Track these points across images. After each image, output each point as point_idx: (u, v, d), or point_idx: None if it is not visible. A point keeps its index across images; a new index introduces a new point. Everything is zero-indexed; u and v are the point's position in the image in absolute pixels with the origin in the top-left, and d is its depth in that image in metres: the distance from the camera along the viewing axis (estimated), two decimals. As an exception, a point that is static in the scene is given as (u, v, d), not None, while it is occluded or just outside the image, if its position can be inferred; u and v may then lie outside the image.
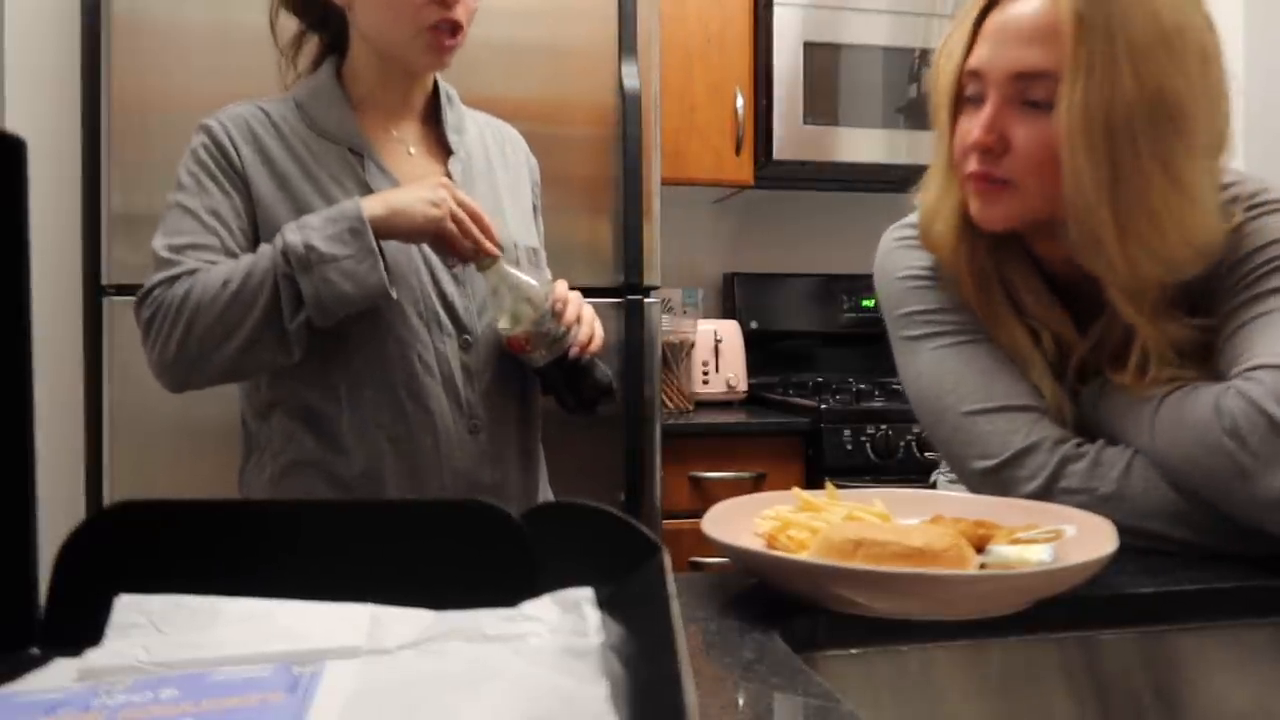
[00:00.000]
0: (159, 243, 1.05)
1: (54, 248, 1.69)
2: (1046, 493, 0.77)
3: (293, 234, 1.00)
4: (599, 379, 1.13)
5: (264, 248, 1.02)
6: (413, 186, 1.05)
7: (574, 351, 1.09)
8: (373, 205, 1.01)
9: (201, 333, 0.99)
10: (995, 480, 0.81)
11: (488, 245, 1.04)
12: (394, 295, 1.02)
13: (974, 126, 0.81)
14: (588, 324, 1.11)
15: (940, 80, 0.87)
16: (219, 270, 1.01)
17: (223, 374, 1.04)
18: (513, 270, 1.08)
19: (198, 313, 0.99)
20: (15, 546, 0.46)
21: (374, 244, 0.99)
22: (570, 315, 1.09)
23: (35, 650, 0.45)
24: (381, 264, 1.00)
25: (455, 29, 1.08)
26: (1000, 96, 0.80)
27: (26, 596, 0.46)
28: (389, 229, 1.01)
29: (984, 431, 0.82)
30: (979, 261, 0.87)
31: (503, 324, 1.09)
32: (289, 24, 1.19)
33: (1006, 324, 0.86)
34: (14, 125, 1.59)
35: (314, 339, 1.03)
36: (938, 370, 0.87)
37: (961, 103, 0.85)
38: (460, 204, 1.03)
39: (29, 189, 0.46)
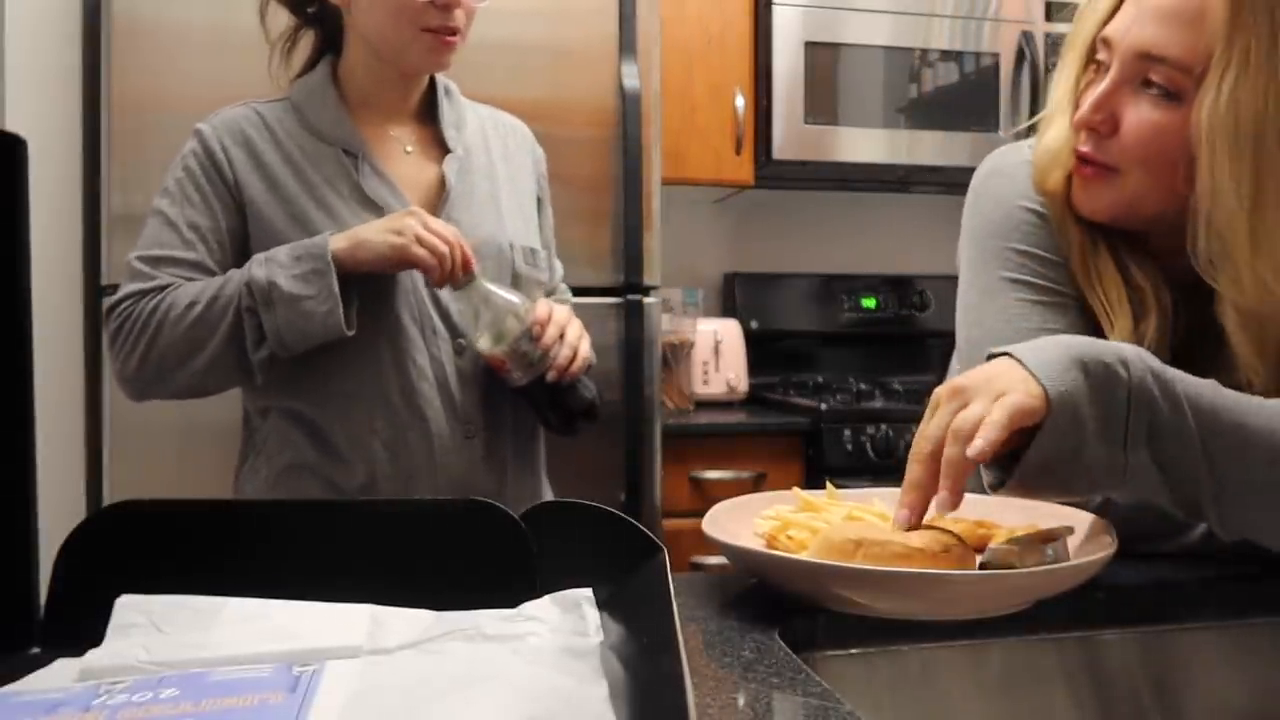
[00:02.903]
0: (135, 253, 1.06)
1: (54, 248, 1.69)
2: (1067, 502, 0.73)
3: (259, 268, 1.01)
4: (578, 400, 1.11)
5: (234, 273, 1.03)
6: (383, 220, 1.04)
7: (551, 375, 1.07)
8: (339, 241, 1.02)
9: (164, 349, 1.01)
10: None
11: (456, 268, 1.03)
12: (350, 333, 1.02)
13: (1086, 101, 0.76)
14: (569, 346, 1.08)
15: (1077, 31, 0.80)
16: (188, 290, 1.02)
17: (185, 391, 1.06)
18: (493, 288, 1.07)
19: (161, 331, 1.01)
20: (15, 546, 0.46)
21: (335, 286, 1.00)
22: (549, 337, 1.07)
23: (36, 650, 0.45)
24: (340, 307, 1.00)
25: (454, 32, 1.08)
26: (1120, 74, 0.74)
27: (26, 596, 0.46)
28: (355, 263, 1.01)
29: None
30: (1087, 224, 0.81)
31: (481, 343, 1.08)
32: (284, 19, 1.18)
33: (1105, 277, 0.80)
34: (14, 125, 1.59)
35: None
36: (1009, 327, 0.81)
37: (1093, 61, 0.79)
38: (432, 230, 1.02)
39: (29, 189, 0.46)
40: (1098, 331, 0.80)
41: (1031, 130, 0.88)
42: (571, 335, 1.09)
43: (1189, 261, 0.75)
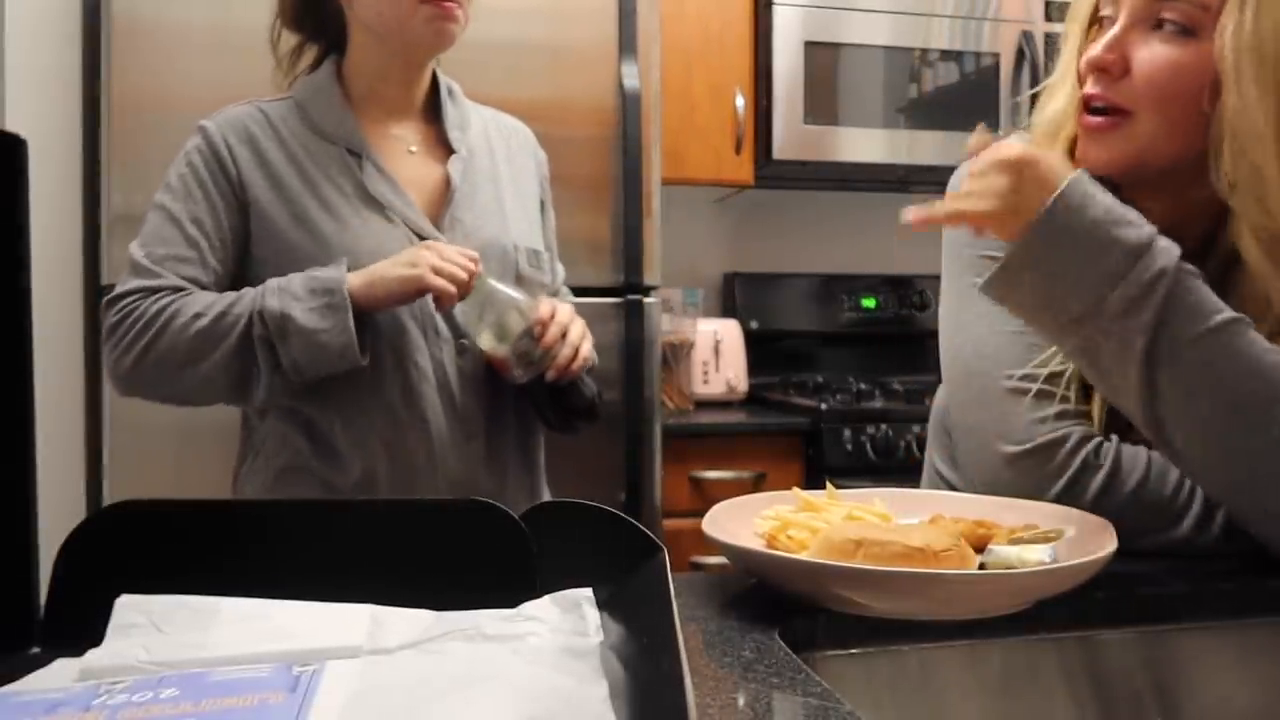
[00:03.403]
0: (138, 248, 1.06)
1: (54, 248, 1.69)
2: (1061, 500, 0.75)
3: (273, 298, 1.00)
4: (579, 399, 1.11)
5: (246, 292, 1.03)
6: (398, 255, 1.03)
7: (550, 375, 1.07)
8: (355, 279, 1.01)
9: (163, 353, 1.01)
10: (1014, 468, 0.77)
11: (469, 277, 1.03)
12: (364, 363, 1.03)
13: (1097, 44, 0.77)
14: (570, 346, 1.08)
15: (1079, 3, 0.82)
16: (196, 300, 1.02)
17: (174, 398, 1.06)
18: (497, 286, 1.07)
19: (163, 334, 1.01)
20: (15, 546, 0.46)
21: (350, 322, 1.00)
22: (550, 336, 1.06)
23: (35, 650, 0.45)
24: (355, 342, 1.00)
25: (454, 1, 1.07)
26: (1131, 15, 0.76)
27: (26, 596, 0.46)
28: (372, 300, 1.01)
29: (1013, 411, 0.78)
30: None
31: (483, 340, 1.08)
32: (292, 40, 1.19)
33: None
34: (14, 125, 1.59)
35: None
36: (989, 330, 0.82)
37: (1097, 22, 0.80)
38: (448, 259, 1.01)
39: (29, 189, 0.46)
40: None
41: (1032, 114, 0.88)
42: (574, 335, 1.09)
43: (1187, 242, 0.75)
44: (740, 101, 2.22)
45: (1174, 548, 0.74)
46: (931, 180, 2.52)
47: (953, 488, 0.92)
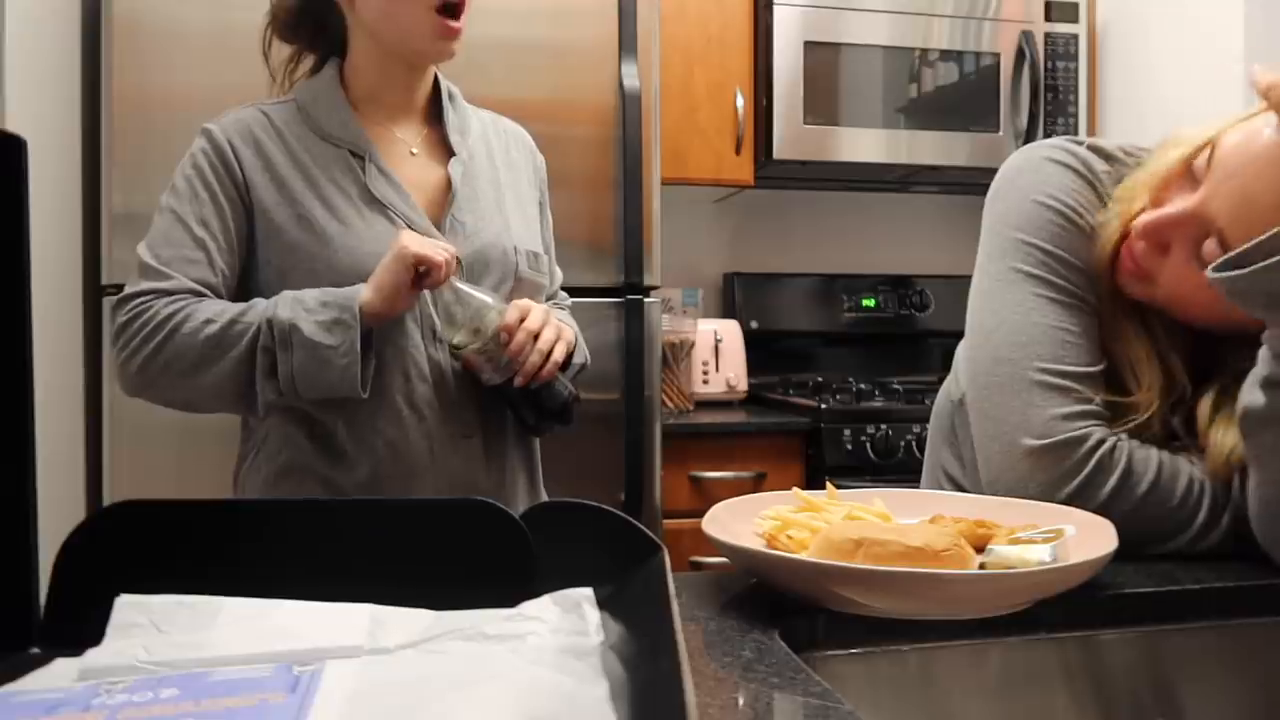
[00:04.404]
0: (146, 250, 1.05)
1: (54, 248, 1.69)
2: (1073, 500, 0.75)
3: (285, 308, 1.00)
4: (553, 399, 1.10)
5: (258, 302, 1.03)
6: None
7: (518, 380, 1.07)
8: (366, 291, 1.01)
9: (171, 357, 1.01)
10: (1030, 462, 0.77)
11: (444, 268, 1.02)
12: (364, 395, 1.03)
13: (1154, 214, 0.76)
14: (539, 352, 1.06)
15: (1195, 134, 0.78)
16: (208, 306, 1.02)
17: (180, 403, 1.06)
18: (466, 289, 1.06)
19: (172, 339, 1.01)
20: (15, 546, 0.46)
21: (358, 344, 1.00)
22: (517, 344, 1.05)
23: (35, 650, 0.45)
24: (359, 364, 1.00)
25: (458, 11, 1.08)
26: (1189, 208, 0.74)
27: (26, 596, 0.46)
28: (379, 301, 1.01)
29: (1036, 404, 0.78)
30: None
31: (457, 340, 1.07)
32: (286, 50, 1.19)
33: (1124, 336, 0.82)
34: (14, 125, 1.59)
35: None
36: (1025, 319, 0.81)
37: (1189, 168, 0.77)
38: (422, 241, 1.01)
39: (29, 189, 0.46)
40: (1111, 352, 0.82)
41: (1051, 130, 0.88)
42: (544, 340, 1.07)
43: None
44: (740, 101, 2.23)
45: (1179, 552, 0.74)
46: (932, 180, 2.52)
47: (959, 488, 0.92)
